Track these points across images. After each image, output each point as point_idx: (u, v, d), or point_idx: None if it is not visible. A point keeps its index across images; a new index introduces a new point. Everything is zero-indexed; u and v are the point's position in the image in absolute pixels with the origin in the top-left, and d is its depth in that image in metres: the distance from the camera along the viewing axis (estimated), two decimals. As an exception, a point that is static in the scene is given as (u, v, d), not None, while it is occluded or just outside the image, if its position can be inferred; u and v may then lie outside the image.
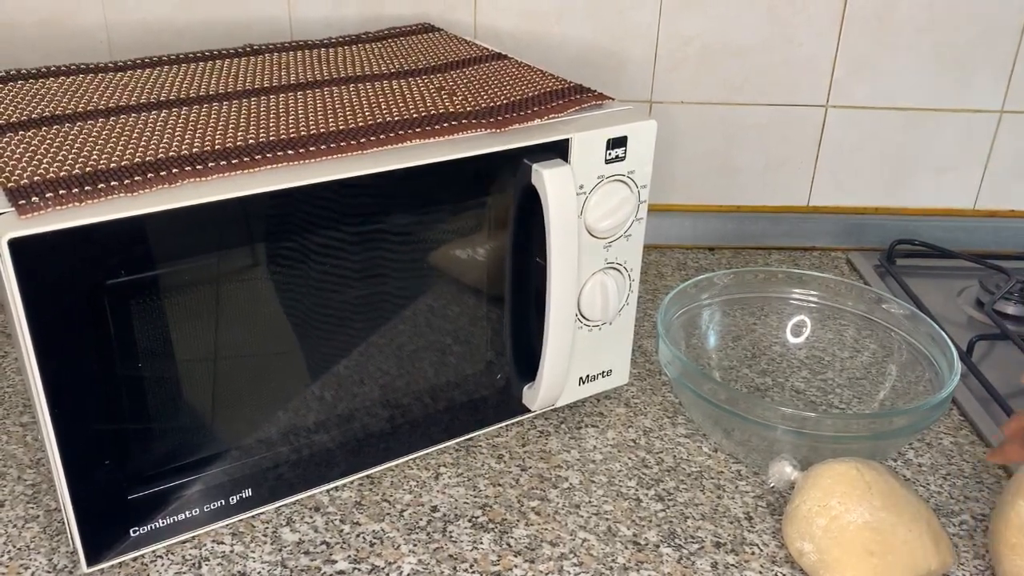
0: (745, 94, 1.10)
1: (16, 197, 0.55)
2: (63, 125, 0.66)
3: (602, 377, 0.82)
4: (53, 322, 0.55)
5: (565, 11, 1.04)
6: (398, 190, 0.65)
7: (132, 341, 0.59)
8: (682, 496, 0.74)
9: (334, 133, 0.66)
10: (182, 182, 0.59)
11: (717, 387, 0.74)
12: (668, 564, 0.67)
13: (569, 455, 0.78)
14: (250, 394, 0.66)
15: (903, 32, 1.08)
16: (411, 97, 0.74)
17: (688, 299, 0.87)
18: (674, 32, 1.06)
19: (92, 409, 0.59)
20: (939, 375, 0.78)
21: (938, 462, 0.79)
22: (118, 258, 0.57)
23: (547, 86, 0.77)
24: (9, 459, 0.75)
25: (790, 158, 1.14)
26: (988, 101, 1.12)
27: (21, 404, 0.81)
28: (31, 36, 0.99)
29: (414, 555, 0.67)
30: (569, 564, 0.67)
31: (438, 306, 0.72)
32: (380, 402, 0.72)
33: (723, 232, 1.16)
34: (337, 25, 1.02)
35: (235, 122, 0.68)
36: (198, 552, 0.66)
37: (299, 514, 0.70)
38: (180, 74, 0.79)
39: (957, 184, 1.17)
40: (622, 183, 0.73)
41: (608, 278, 0.76)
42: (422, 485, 0.74)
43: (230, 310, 0.63)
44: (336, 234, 0.64)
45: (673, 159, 1.13)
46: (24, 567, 0.65)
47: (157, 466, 0.64)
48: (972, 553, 0.69)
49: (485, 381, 0.77)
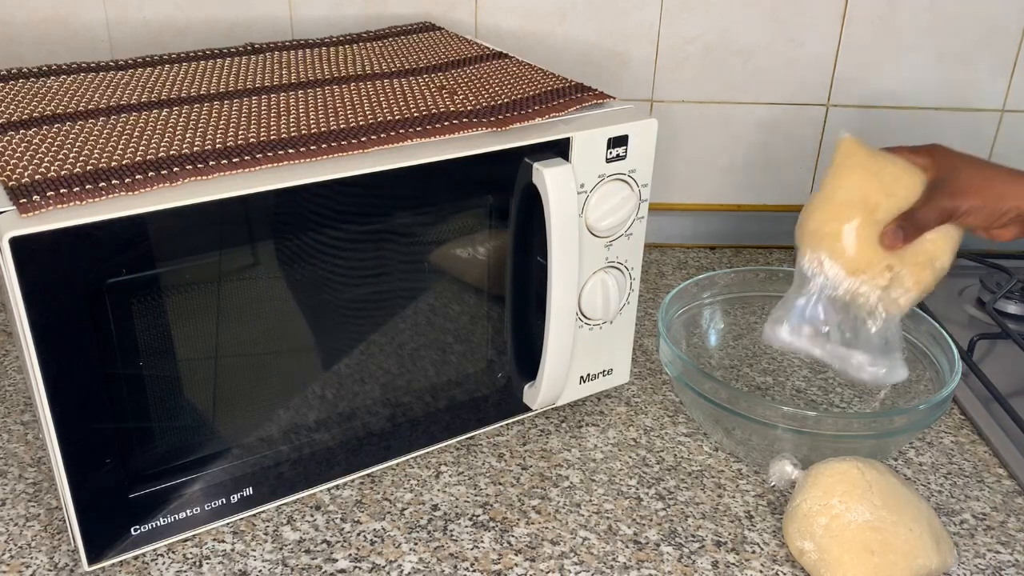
0: (747, 93, 1.10)
1: (17, 196, 0.55)
2: (64, 124, 0.67)
3: (603, 376, 0.82)
4: (54, 320, 0.55)
5: (567, 10, 1.04)
6: (399, 189, 0.65)
7: (133, 340, 0.59)
8: (683, 495, 0.74)
9: (335, 132, 0.66)
10: (183, 181, 0.59)
11: (718, 386, 0.74)
12: (669, 563, 0.67)
13: (570, 454, 0.78)
14: (251, 393, 0.66)
15: (905, 31, 1.08)
16: (412, 96, 0.74)
17: (689, 298, 0.87)
18: (676, 32, 1.06)
19: (93, 408, 0.59)
20: (940, 374, 0.78)
21: (939, 461, 0.79)
22: (119, 257, 0.57)
23: (548, 85, 0.77)
24: (10, 458, 0.75)
25: (791, 157, 1.14)
26: (990, 100, 1.12)
27: (22, 402, 0.81)
28: (33, 35, 0.99)
29: (415, 553, 0.67)
30: (570, 563, 0.67)
31: (439, 305, 0.72)
32: (381, 401, 0.72)
33: (724, 231, 1.16)
34: (338, 24, 1.02)
35: (236, 121, 0.68)
36: (199, 551, 0.67)
37: (300, 513, 0.70)
38: (181, 73, 0.79)
39: (958, 183, 1.17)
40: (623, 182, 0.73)
41: (609, 277, 0.76)
42: (423, 484, 0.74)
43: (231, 309, 0.63)
44: (337, 233, 0.64)
45: (674, 158, 1.13)
46: (25, 565, 0.65)
47: (158, 464, 0.64)
48: (972, 552, 0.69)
49: (486, 380, 0.77)
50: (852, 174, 0.73)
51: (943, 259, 0.72)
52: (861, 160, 0.73)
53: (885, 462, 0.77)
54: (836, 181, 0.73)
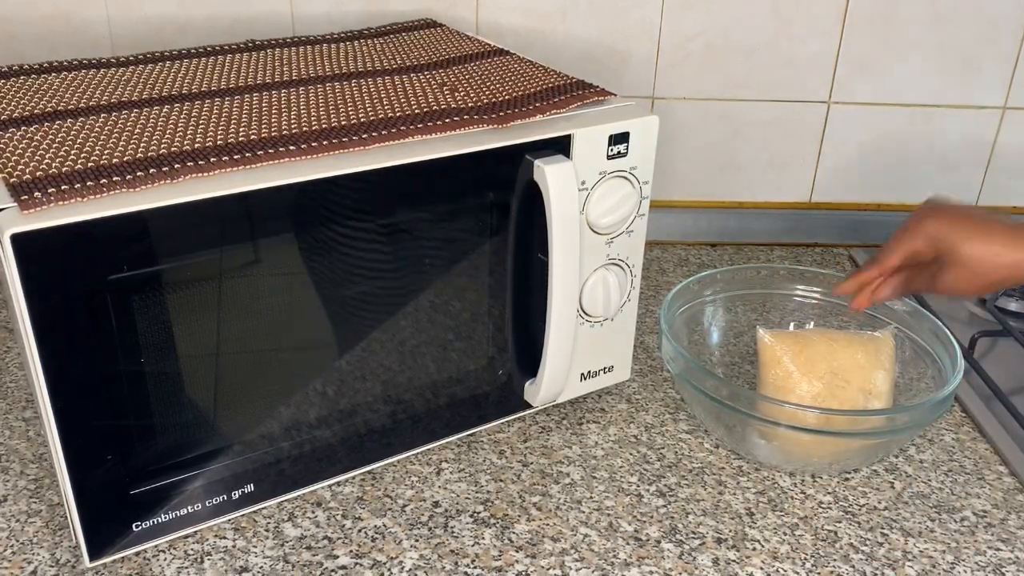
0: (748, 90, 1.10)
1: (19, 192, 0.55)
2: (66, 120, 0.67)
3: (604, 373, 0.82)
4: (55, 317, 0.55)
5: (568, 8, 1.04)
6: (400, 186, 0.65)
7: (134, 336, 0.59)
8: (683, 492, 0.74)
9: (336, 129, 0.66)
10: (184, 178, 0.59)
11: (719, 383, 0.74)
12: (669, 560, 0.67)
13: (571, 451, 0.78)
14: (252, 389, 0.66)
15: (906, 29, 1.08)
16: (413, 93, 0.74)
17: (691, 295, 0.87)
18: (677, 29, 1.06)
19: (94, 404, 0.59)
20: (942, 372, 0.78)
21: (940, 458, 0.79)
22: (120, 253, 0.57)
23: (549, 82, 0.77)
24: (12, 454, 0.75)
25: (793, 154, 1.14)
26: (991, 98, 1.12)
27: (24, 399, 0.81)
28: (34, 31, 0.99)
29: (415, 550, 0.67)
30: (570, 560, 0.67)
31: (440, 302, 0.72)
32: (382, 397, 0.72)
33: (725, 228, 1.15)
34: (339, 21, 1.02)
35: (237, 118, 0.68)
36: (200, 547, 0.67)
37: (301, 509, 0.70)
38: (182, 70, 0.79)
39: (960, 180, 1.17)
40: (624, 179, 0.73)
41: (610, 274, 0.76)
42: (424, 480, 0.74)
43: (232, 305, 0.63)
44: (338, 230, 0.64)
45: (675, 155, 1.13)
46: (27, 561, 0.65)
47: (159, 461, 0.64)
48: (973, 550, 0.69)
49: (487, 377, 0.77)
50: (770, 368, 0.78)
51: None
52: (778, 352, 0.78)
53: (886, 461, 0.78)
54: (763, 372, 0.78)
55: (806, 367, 0.75)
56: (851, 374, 0.75)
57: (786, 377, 0.76)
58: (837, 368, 0.75)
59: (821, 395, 0.75)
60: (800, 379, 0.75)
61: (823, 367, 0.75)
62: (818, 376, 0.75)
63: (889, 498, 0.74)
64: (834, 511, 0.72)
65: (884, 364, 0.77)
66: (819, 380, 0.75)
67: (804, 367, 0.75)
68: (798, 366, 0.76)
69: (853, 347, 0.77)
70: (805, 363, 0.76)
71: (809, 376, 0.75)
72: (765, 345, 0.78)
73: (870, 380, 0.75)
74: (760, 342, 0.78)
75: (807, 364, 0.76)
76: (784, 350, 0.76)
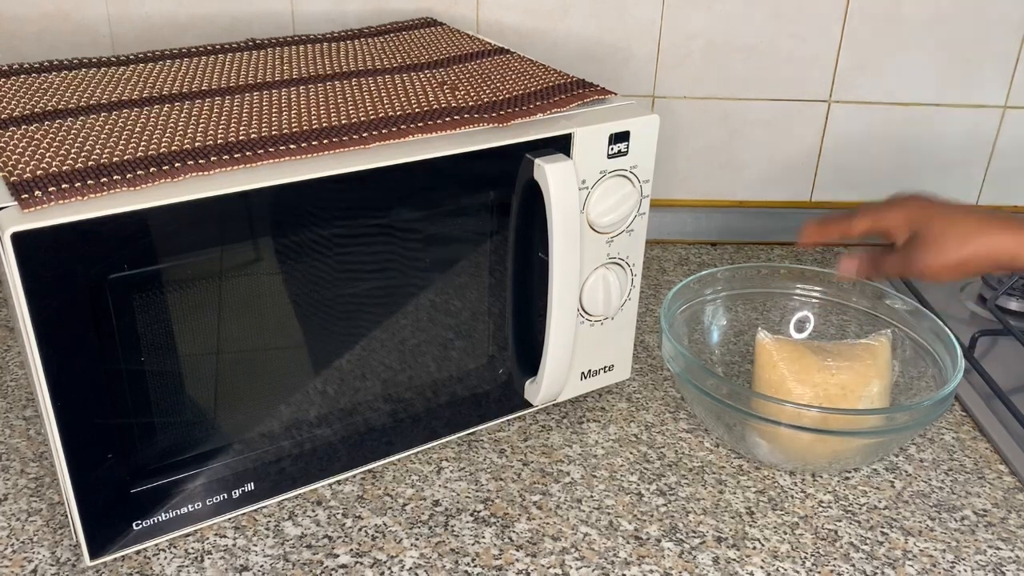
0: (748, 89, 1.10)
1: (19, 191, 0.55)
2: (66, 119, 0.67)
3: (604, 372, 0.82)
4: (56, 316, 0.55)
5: (569, 6, 1.04)
6: (400, 185, 0.65)
7: (135, 335, 0.59)
8: (684, 491, 0.74)
9: (336, 128, 0.66)
10: (184, 176, 0.59)
11: (719, 382, 0.74)
12: (669, 559, 0.67)
13: (571, 450, 0.78)
14: (252, 388, 0.66)
15: (907, 27, 1.08)
16: (413, 92, 0.74)
17: (691, 294, 0.87)
18: (677, 28, 1.06)
19: (95, 403, 0.59)
20: (942, 371, 0.78)
21: (940, 457, 0.79)
22: (121, 252, 0.57)
23: (550, 81, 0.77)
24: (12, 453, 0.75)
25: (793, 153, 1.14)
26: (992, 97, 1.12)
27: (24, 398, 0.81)
28: (34, 30, 0.99)
29: (416, 549, 0.67)
30: (571, 558, 0.67)
31: (440, 300, 0.72)
32: (382, 396, 0.72)
33: (726, 227, 1.15)
34: (339, 20, 1.02)
35: (237, 117, 0.68)
36: (200, 546, 0.67)
37: (301, 508, 0.70)
38: (182, 69, 0.79)
39: (961, 179, 1.17)
40: (624, 178, 0.73)
41: (610, 273, 0.76)
42: (424, 479, 0.74)
43: (232, 304, 0.63)
44: (338, 229, 0.64)
45: (676, 154, 1.13)
46: (28, 560, 0.65)
47: (160, 460, 0.64)
48: (973, 549, 0.69)
49: (487, 375, 0.77)
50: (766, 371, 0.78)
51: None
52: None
53: (886, 460, 0.78)
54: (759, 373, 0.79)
55: (800, 375, 0.75)
56: (846, 384, 0.75)
57: (780, 383, 0.76)
58: (833, 381, 0.75)
59: (815, 401, 0.74)
60: (794, 386, 0.75)
61: (818, 377, 0.75)
62: (811, 384, 0.75)
63: (889, 497, 0.74)
64: (834, 510, 0.72)
65: (880, 372, 0.76)
66: (812, 388, 0.75)
67: (798, 375, 0.75)
68: (792, 373, 0.75)
69: (849, 359, 0.77)
70: (800, 371, 0.75)
71: (803, 383, 0.75)
72: (763, 348, 0.77)
73: (864, 390, 0.75)
74: (758, 345, 0.78)
75: (801, 372, 0.75)
76: (781, 356, 0.76)
